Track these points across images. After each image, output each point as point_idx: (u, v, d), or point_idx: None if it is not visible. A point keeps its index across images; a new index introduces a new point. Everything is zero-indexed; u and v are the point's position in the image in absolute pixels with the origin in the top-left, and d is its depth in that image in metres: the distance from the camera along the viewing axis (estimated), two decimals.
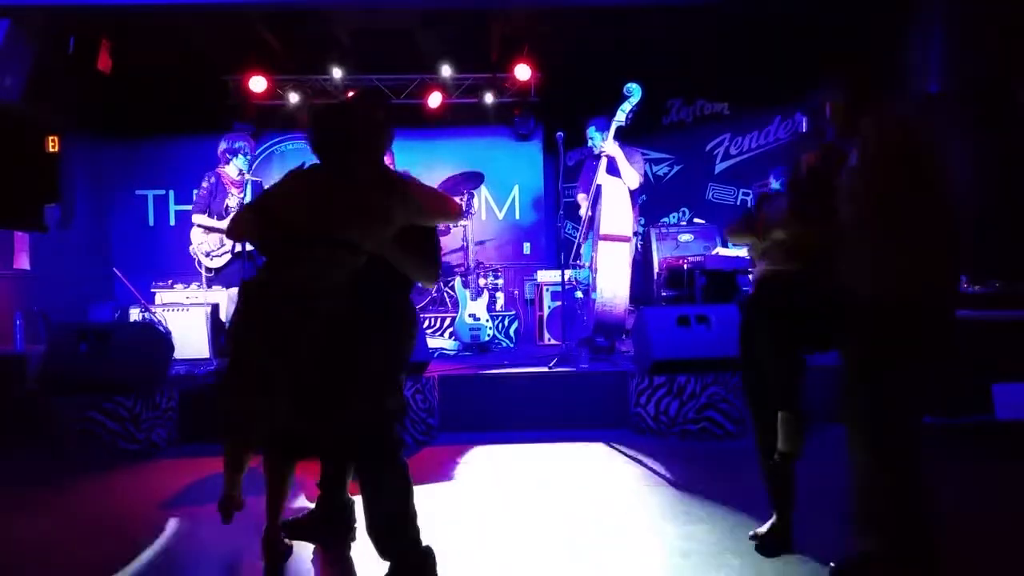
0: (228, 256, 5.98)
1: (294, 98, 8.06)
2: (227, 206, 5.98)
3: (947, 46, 6.00)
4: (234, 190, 6.04)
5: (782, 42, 7.26)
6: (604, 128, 6.01)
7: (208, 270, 6.06)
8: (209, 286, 6.15)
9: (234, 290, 5.65)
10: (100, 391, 4.67)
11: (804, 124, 7.96)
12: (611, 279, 5.79)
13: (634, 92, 5.84)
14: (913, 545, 2.38)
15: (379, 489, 2.56)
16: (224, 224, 5.84)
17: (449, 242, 7.65)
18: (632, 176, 5.98)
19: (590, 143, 6.20)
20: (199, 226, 6.04)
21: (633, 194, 6.04)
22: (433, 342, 6.31)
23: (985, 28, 5.78)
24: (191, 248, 6.13)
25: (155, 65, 7.59)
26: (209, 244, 6.02)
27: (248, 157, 6.18)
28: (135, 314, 6.45)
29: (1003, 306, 4.52)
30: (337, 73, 7.95)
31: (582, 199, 6.32)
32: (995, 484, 3.77)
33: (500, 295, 7.31)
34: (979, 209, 5.40)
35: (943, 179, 2.42)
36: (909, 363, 2.40)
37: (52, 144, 5.46)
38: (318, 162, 2.71)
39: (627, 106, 5.85)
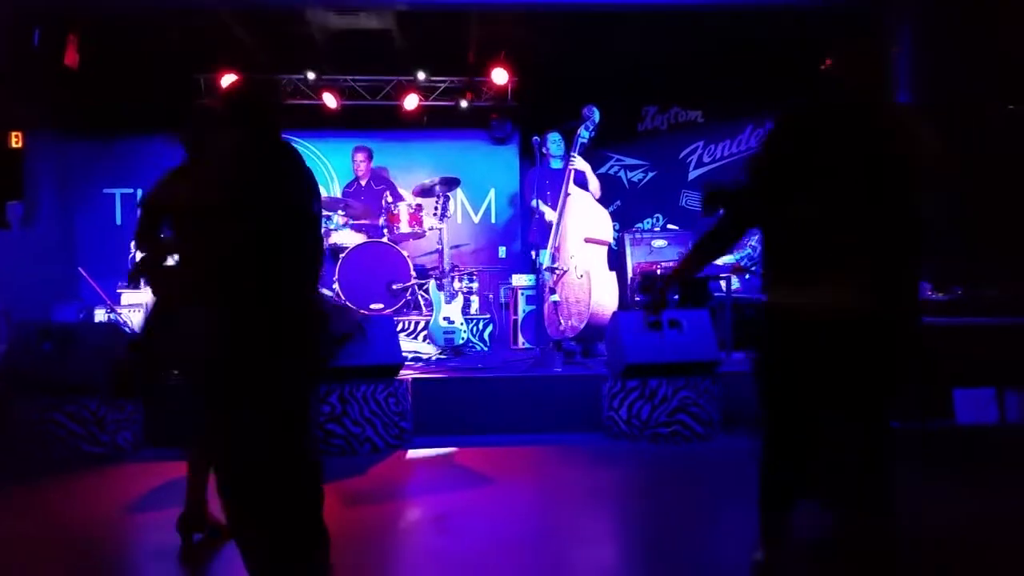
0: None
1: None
2: None
3: (919, 59, 6.11)
4: None
5: (755, 53, 7.34)
6: (564, 140, 6.61)
7: None
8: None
9: None
10: (63, 392, 4.57)
11: None
12: (602, 282, 5.93)
13: (595, 114, 6.11)
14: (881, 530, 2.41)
15: None
16: None
17: (424, 245, 7.62)
18: (596, 188, 6.44)
19: (549, 146, 6.66)
20: None
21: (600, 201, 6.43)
22: (407, 345, 6.27)
23: (957, 43, 5.89)
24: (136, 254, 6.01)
25: (124, 61, 7.46)
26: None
27: None
28: (101, 315, 6.33)
29: (965, 313, 4.61)
30: (312, 74, 7.88)
31: (540, 205, 6.55)
32: (955, 487, 3.82)
33: (475, 299, 7.28)
34: (943, 217, 5.50)
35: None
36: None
37: (16, 140, 5.36)
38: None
39: (591, 125, 6.13)
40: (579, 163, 6.30)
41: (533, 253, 6.95)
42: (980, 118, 5.86)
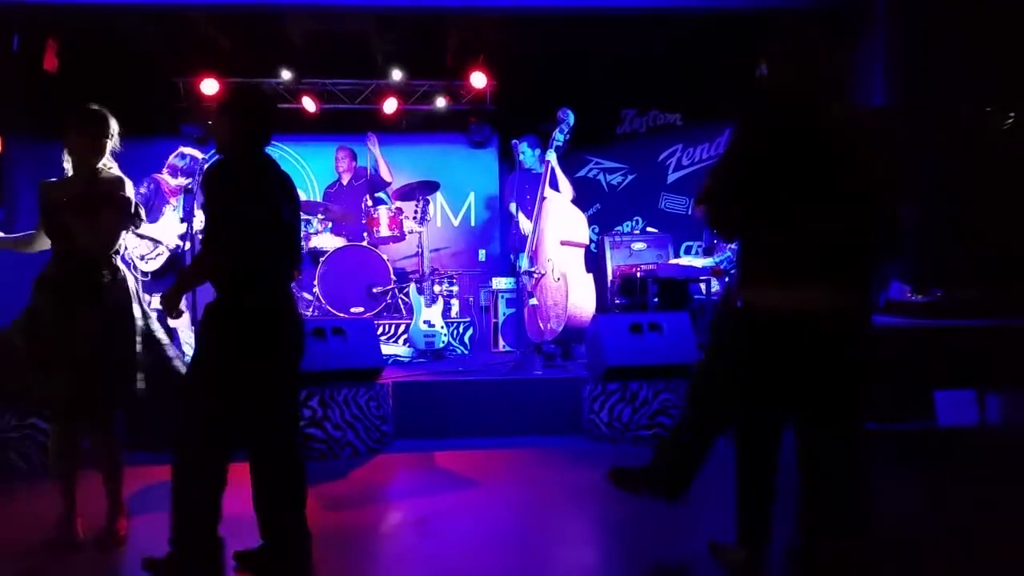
0: (164, 258, 5.82)
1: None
2: (163, 214, 5.86)
3: (893, 63, 6.18)
4: (173, 200, 5.91)
5: (734, 55, 7.39)
6: (536, 146, 6.50)
7: (144, 274, 5.92)
8: (147, 292, 6.00)
9: None
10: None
11: None
12: (579, 284, 5.93)
13: (569, 116, 6.05)
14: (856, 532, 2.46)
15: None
16: (154, 230, 5.72)
17: (404, 248, 7.63)
18: (567, 188, 6.31)
19: (520, 157, 6.49)
20: (132, 232, 5.90)
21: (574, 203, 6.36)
22: (387, 349, 6.28)
23: (932, 46, 5.97)
24: (124, 254, 5.97)
25: (104, 65, 7.41)
26: (143, 248, 5.88)
27: (195, 178, 6.04)
28: None
29: (945, 315, 4.65)
30: (287, 74, 7.85)
31: (515, 209, 6.53)
32: (936, 487, 3.89)
33: (455, 302, 7.30)
34: (922, 220, 5.58)
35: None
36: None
37: None
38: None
39: (565, 127, 6.07)
40: (552, 158, 6.18)
41: (512, 256, 6.97)
42: (957, 120, 5.94)
